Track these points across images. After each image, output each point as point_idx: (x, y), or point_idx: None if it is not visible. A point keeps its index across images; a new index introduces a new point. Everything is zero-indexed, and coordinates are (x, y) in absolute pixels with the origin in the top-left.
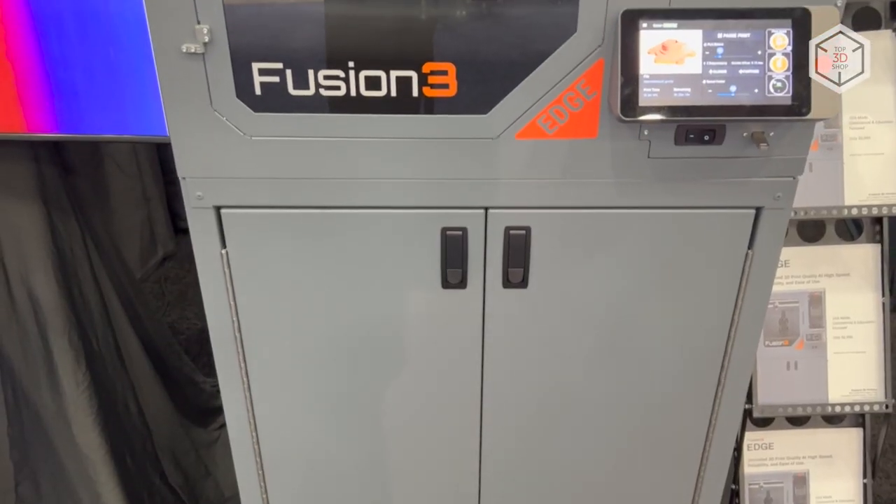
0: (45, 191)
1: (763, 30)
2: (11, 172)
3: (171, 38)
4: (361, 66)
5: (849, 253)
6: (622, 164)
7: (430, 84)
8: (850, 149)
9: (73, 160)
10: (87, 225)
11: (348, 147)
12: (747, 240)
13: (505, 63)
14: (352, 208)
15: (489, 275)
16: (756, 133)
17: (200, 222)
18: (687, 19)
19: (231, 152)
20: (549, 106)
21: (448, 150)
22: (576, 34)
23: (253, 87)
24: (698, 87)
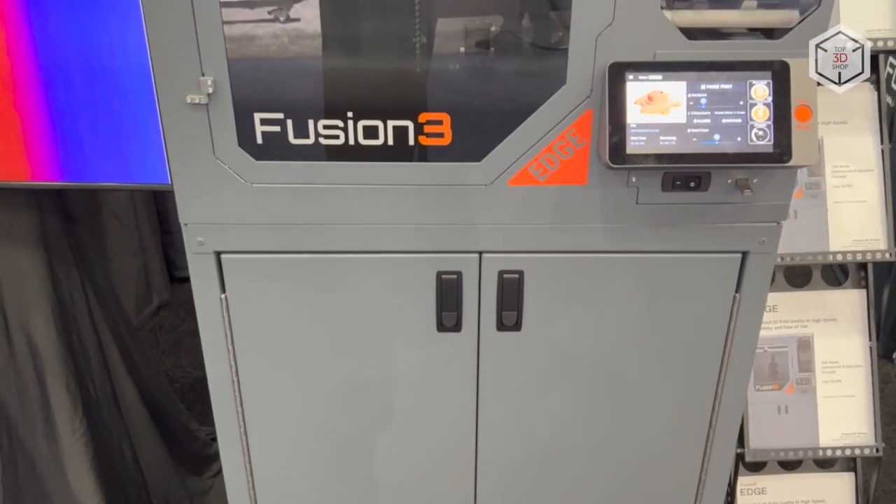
0: (46, 238)
1: (744, 81)
2: (15, 220)
3: (177, 89)
4: (360, 115)
5: (835, 298)
6: (612, 210)
7: (426, 133)
8: (833, 196)
9: (74, 208)
10: (87, 272)
11: (347, 193)
12: (734, 283)
13: (498, 113)
14: (350, 253)
15: (483, 318)
16: (740, 180)
17: (201, 267)
18: (671, 71)
19: (232, 199)
20: (540, 154)
21: (443, 197)
22: (565, 86)
23: (255, 136)
24: (683, 136)
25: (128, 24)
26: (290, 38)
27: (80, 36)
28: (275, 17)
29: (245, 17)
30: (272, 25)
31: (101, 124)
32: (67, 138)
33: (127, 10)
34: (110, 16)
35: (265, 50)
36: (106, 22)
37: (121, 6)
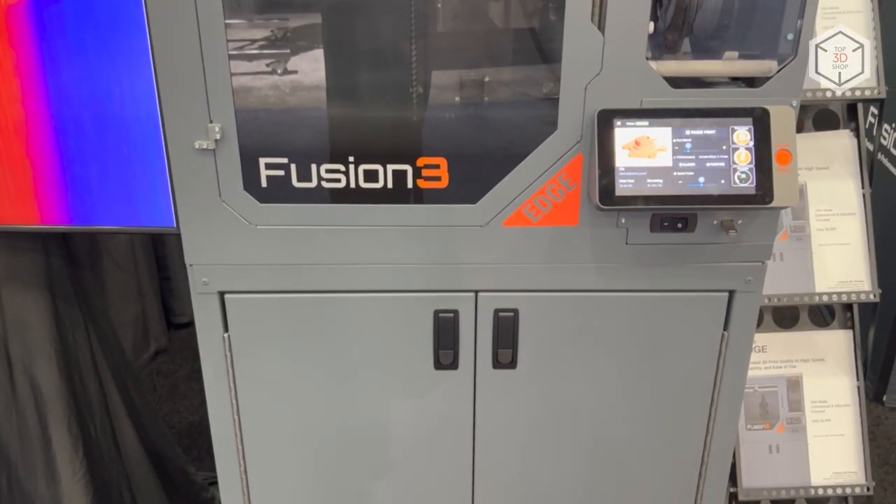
0: (51, 281)
1: (727, 127)
2: (21, 263)
3: (185, 135)
4: (360, 160)
5: (823, 338)
6: (602, 250)
7: (424, 177)
8: (817, 239)
9: (78, 252)
10: (90, 314)
11: (347, 235)
12: (722, 321)
13: (492, 157)
14: (350, 292)
15: (480, 356)
16: (725, 221)
17: (204, 307)
18: (657, 118)
19: (237, 240)
20: (533, 196)
21: (440, 237)
22: (557, 132)
23: (259, 179)
24: (670, 179)
25: (138, 75)
26: (290, 89)
27: (92, 86)
28: (272, 69)
29: (244, 70)
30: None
31: (109, 170)
32: (76, 183)
33: (137, 61)
34: (121, 67)
35: (268, 99)
36: (117, 73)
37: (131, 58)
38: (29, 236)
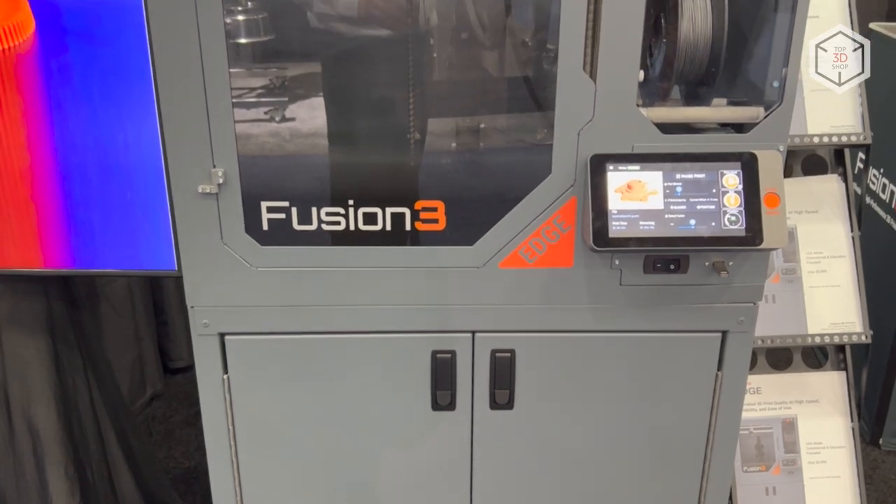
0: (52, 324)
1: (716, 171)
2: (23, 306)
3: (189, 179)
4: (360, 203)
5: (817, 380)
6: (597, 291)
7: (422, 219)
8: (808, 281)
9: (79, 295)
10: (90, 357)
11: (346, 276)
12: (716, 362)
13: (488, 201)
14: (349, 333)
15: (477, 397)
16: (717, 262)
17: (205, 349)
18: (648, 162)
19: (237, 282)
20: (528, 238)
21: (438, 279)
22: (551, 176)
23: (261, 222)
24: (662, 221)
25: (142, 121)
26: (289, 135)
27: (97, 133)
28: (271, 116)
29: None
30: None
31: (112, 214)
32: (80, 227)
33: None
34: (126, 114)
35: (268, 145)
36: (122, 120)
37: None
38: (32, 279)
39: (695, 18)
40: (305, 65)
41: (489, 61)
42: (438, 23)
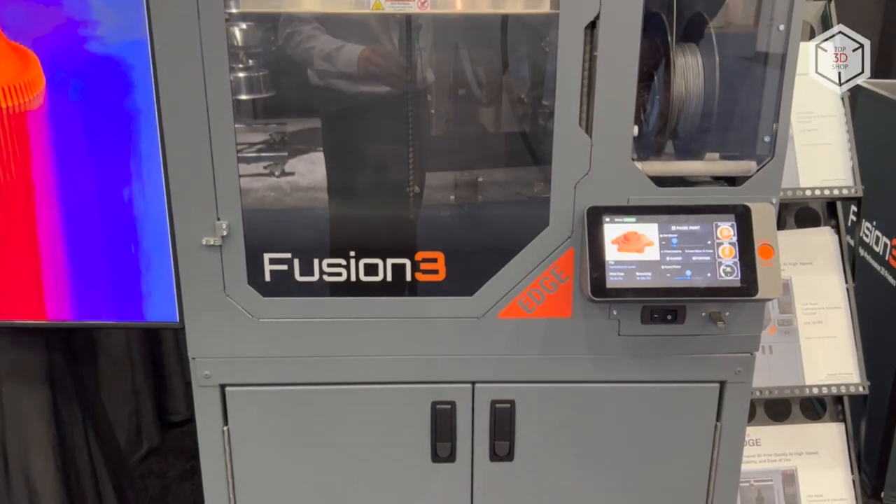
0: (52, 377)
1: (710, 223)
2: (24, 359)
3: (194, 232)
4: (361, 254)
5: (816, 431)
6: (595, 341)
7: (422, 270)
8: (805, 332)
9: (79, 347)
10: (89, 410)
11: (347, 327)
12: (715, 412)
13: (488, 252)
14: (348, 384)
15: (477, 448)
16: (713, 313)
17: (205, 400)
18: (644, 214)
19: (239, 333)
20: (527, 289)
21: (438, 329)
22: (548, 228)
23: (263, 274)
24: (658, 272)
25: (148, 175)
26: (290, 189)
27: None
28: (270, 171)
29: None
30: (270, 178)
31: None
32: (84, 281)
33: (147, 163)
34: (132, 168)
35: (269, 199)
36: (128, 174)
37: (142, 160)
38: (34, 331)
39: (687, 76)
40: (305, 120)
41: (486, 117)
42: (436, 80)
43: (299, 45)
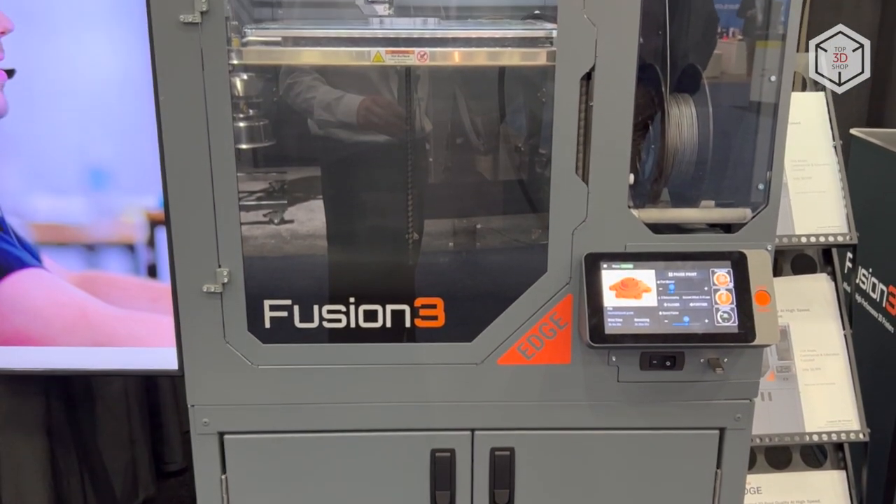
0: (50, 425)
1: (707, 269)
2: (23, 407)
3: (195, 279)
4: (361, 301)
5: (817, 479)
6: (595, 388)
7: (422, 316)
8: (804, 379)
9: (78, 395)
10: (86, 458)
11: (346, 374)
12: (715, 459)
13: (486, 298)
14: (347, 432)
15: (477, 498)
16: (712, 359)
17: (204, 448)
18: (641, 261)
19: (238, 381)
20: (526, 335)
21: (437, 375)
22: (546, 274)
23: (263, 321)
24: (656, 318)
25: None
26: (290, 237)
27: None
28: (270, 219)
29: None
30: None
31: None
32: None
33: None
34: None
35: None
36: None
37: None
38: (33, 379)
39: (681, 125)
40: (304, 168)
41: (484, 165)
42: (434, 129)
43: (299, 95)
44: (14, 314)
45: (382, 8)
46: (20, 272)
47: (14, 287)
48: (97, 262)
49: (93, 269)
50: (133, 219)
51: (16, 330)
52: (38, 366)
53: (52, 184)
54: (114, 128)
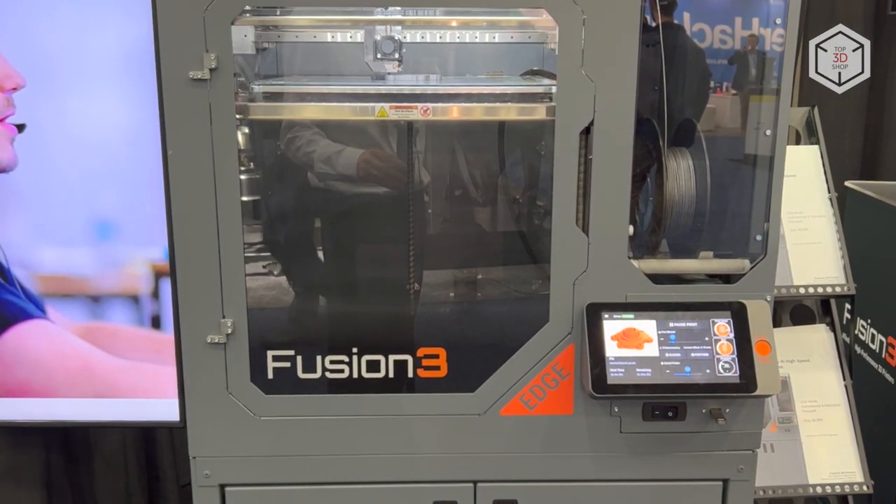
0: (49, 477)
1: (707, 320)
2: (21, 459)
3: (199, 329)
4: (363, 351)
5: None
6: (597, 439)
7: (424, 366)
8: (806, 430)
9: (76, 447)
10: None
11: (348, 425)
12: None
13: (489, 348)
14: (349, 484)
15: None
16: (714, 409)
17: (205, 501)
18: (642, 311)
19: (240, 432)
20: (528, 385)
21: (439, 426)
22: (548, 324)
23: (266, 371)
24: (658, 368)
25: None
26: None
27: None
28: (269, 270)
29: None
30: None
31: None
32: None
33: None
34: None
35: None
36: None
37: None
38: (33, 431)
39: (678, 178)
40: (305, 220)
41: (482, 216)
42: (434, 181)
43: (300, 149)
44: (17, 366)
45: (392, 66)
46: (24, 323)
47: (18, 338)
48: (101, 313)
49: (97, 320)
50: (138, 270)
51: (18, 381)
52: (39, 418)
53: (59, 236)
54: (121, 180)
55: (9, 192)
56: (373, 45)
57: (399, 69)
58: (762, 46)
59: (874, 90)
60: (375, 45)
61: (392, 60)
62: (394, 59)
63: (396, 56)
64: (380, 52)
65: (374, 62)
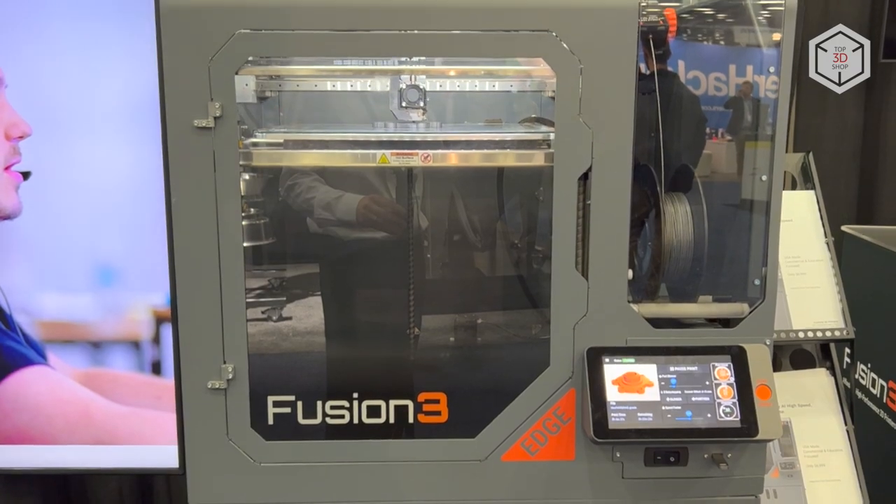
0: None
1: (708, 364)
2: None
3: (200, 375)
4: (364, 396)
5: None
6: (600, 485)
7: (425, 411)
8: (808, 476)
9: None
10: None
11: (349, 471)
12: None
13: (489, 393)
14: None
15: None
16: (715, 454)
17: None
18: (642, 355)
19: (240, 478)
20: (530, 430)
21: (440, 472)
22: (549, 368)
23: (266, 417)
24: (659, 413)
25: None
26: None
27: None
28: (268, 316)
29: None
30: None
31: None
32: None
33: None
34: None
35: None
36: None
37: None
38: (31, 479)
39: (676, 223)
40: (304, 266)
41: (480, 261)
42: (432, 226)
43: (300, 195)
44: (16, 412)
45: (417, 114)
46: (25, 370)
47: (18, 384)
48: (102, 359)
49: (98, 366)
50: (139, 316)
51: (17, 428)
52: (37, 465)
53: (61, 282)
54: (123, 227)
55: (13, 239)
56: (398, 94)
57: (424, 117)
58: (756, 93)
59: (868, 136)
60: (401, 93)
61: (416, 108)
62: (418, 107)
63: (421, 104)
64: (405, 100)
65: (399, 110)
